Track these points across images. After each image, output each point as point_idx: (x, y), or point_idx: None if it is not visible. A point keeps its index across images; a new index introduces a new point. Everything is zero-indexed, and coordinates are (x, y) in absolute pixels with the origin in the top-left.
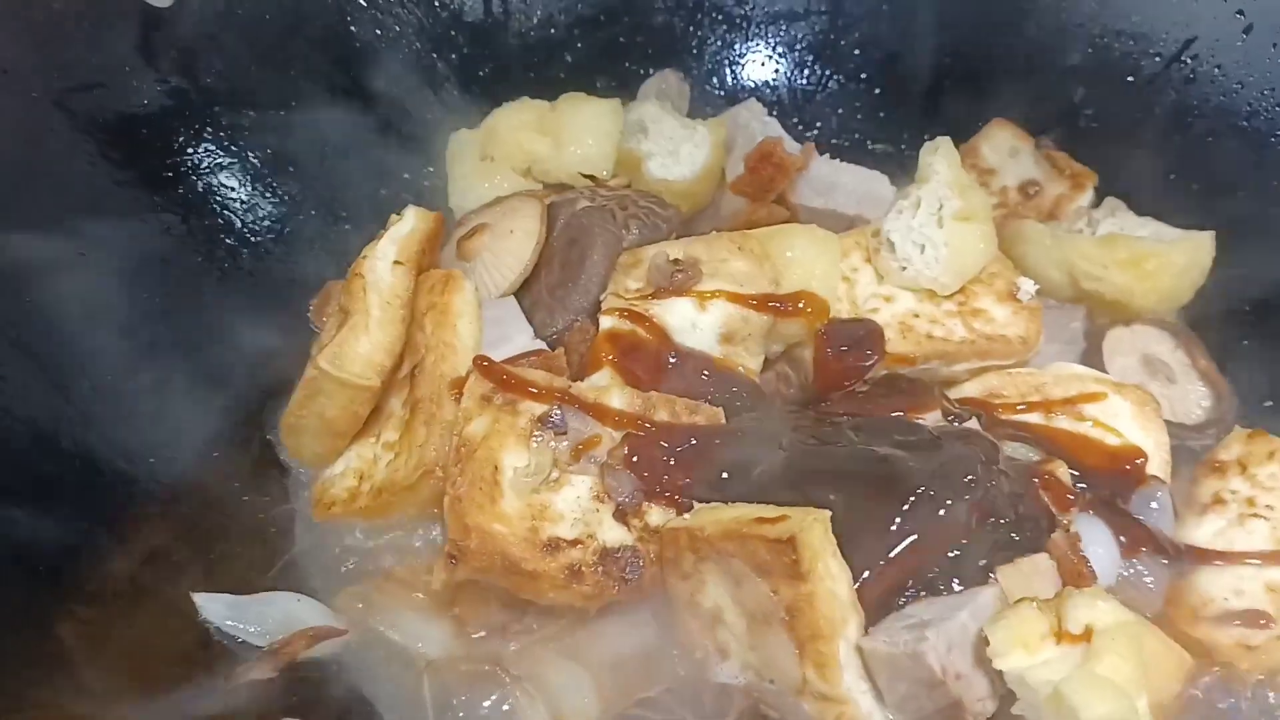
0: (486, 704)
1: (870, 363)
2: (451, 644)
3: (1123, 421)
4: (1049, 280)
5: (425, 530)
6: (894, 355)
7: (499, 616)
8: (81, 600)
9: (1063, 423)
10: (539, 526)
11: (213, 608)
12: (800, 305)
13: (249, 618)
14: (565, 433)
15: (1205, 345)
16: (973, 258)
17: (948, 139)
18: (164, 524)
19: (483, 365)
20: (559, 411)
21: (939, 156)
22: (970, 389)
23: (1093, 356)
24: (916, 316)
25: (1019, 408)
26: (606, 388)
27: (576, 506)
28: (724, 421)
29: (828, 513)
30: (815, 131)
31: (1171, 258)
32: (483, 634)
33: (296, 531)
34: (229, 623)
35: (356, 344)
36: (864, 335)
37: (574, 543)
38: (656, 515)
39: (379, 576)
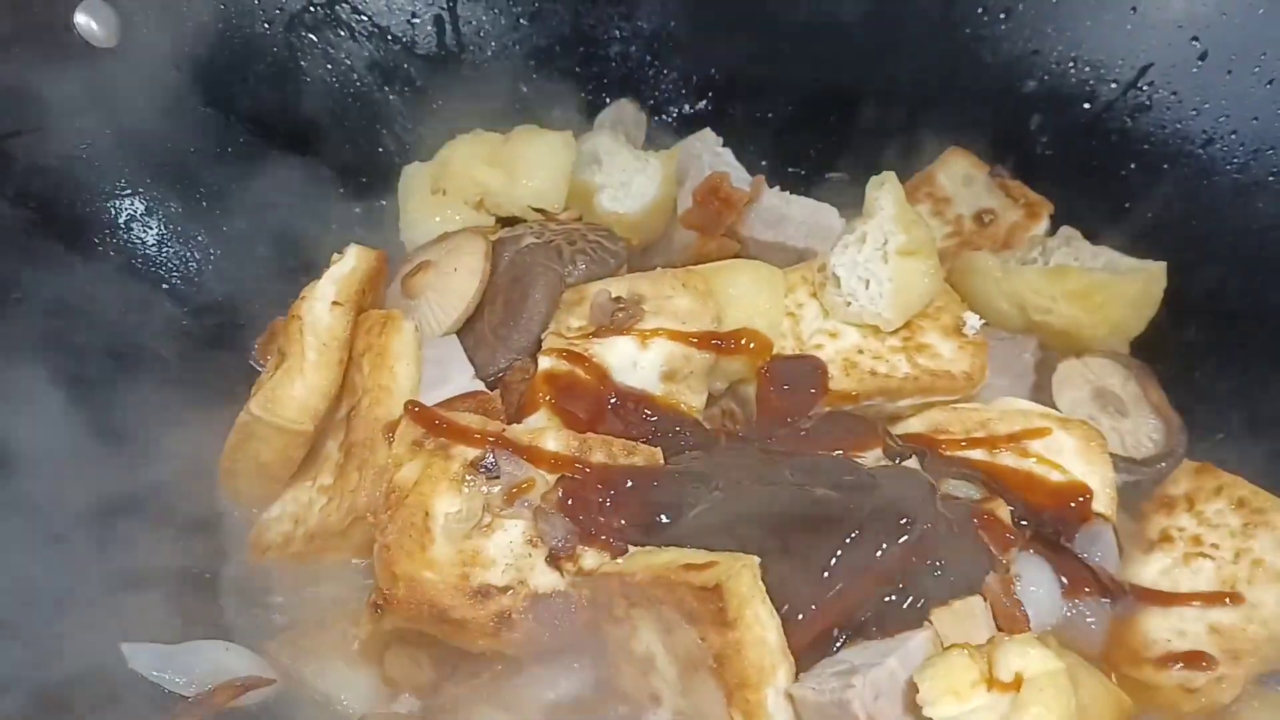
0: None
1: (813, 401)
2: (381, 694)
3: (1067, 457)
4: (999, 312)
5: (359, 577)
6: (836, 393)
7: (429, 675)
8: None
9: (1007, 459)
10: (470, 573)
11: (141, 658)
12: (743, 342)
13: (176, 668)
14: (498, 477)
15: (1157, 377)
16: (917, 293)
17: (892, 174)
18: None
19: (414, 411)
20: (492, 456)
21: (884, 192)
22: (915, 425)
23: (1043, 389)
24: (860, 353)
25: (963, 444)
26: (542, 430)
27: (509, 552)
28: (662, 462)
29: (756, 559)
30: (770, 160)
31: (1122, 289)
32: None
33: (228, 577)
34: (155, 673)
35: (290, 387)
36: (807, 372)
37: (505, 589)
38: (591, 559)
39: (311, 625)
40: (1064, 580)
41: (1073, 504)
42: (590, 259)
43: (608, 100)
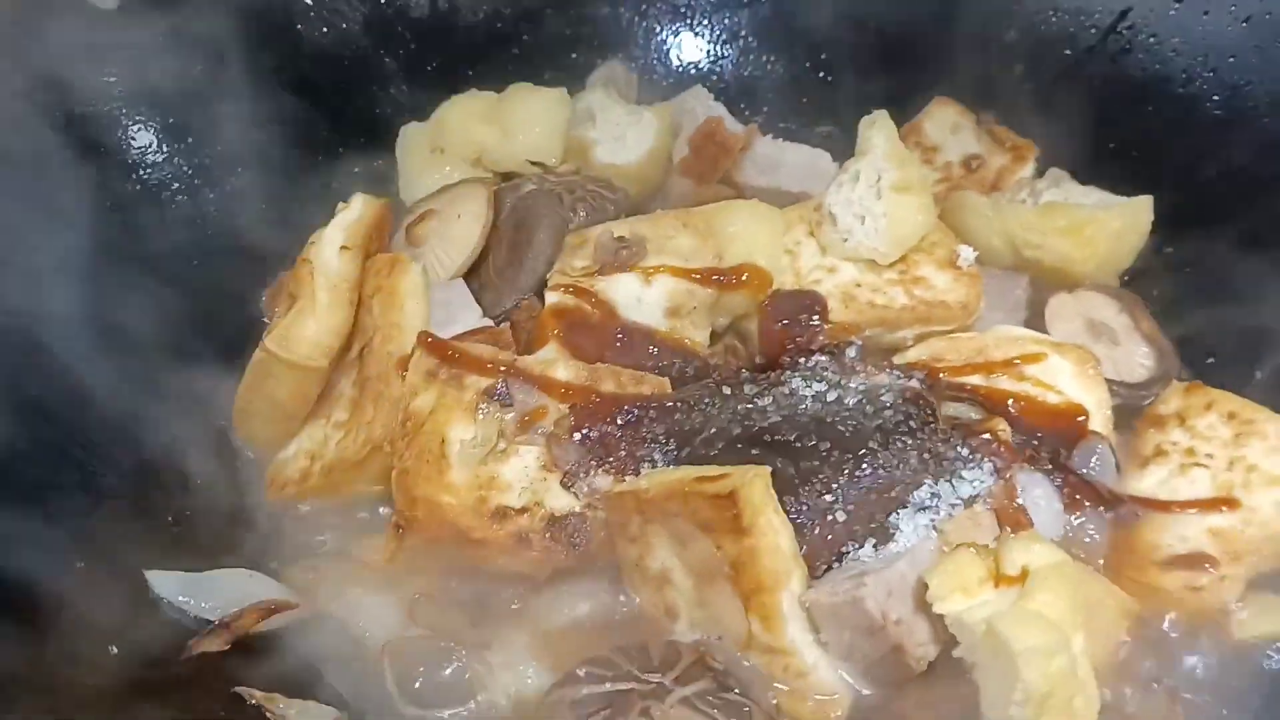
0: (447, 673)
1: (814, 333)
2: (403, 622)
3: (1063, 380)
4: (991, 249)
5: (377, 507)
6: (837, 324)
7: (458, 620)
8: (38, 575)
9: (1004, 383)
10: (487, 496)
11: (164, 584)
12: (744, 277)
13: (201, 593)
14: (511, 405)
15: (1148, 306)
16: (911, 227)
17: (884, 112)
18: (119, 507)
19: (427, 341)
20: (504, 385)
21: (876, 130)
22: (915, 354)
23: (1036, 322)
24: (859, 286)
25: (962, 370)
26: (552, 360)
27: (524, 476)
28: (670, 391)
29: (768, 468)
30: (762, 116)
31: (1108, 223)
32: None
33: (250, 513)
34: (181, 598)
35: (304, 326)
36: (807, 305)
37: (521, 511)
38: (604, 482)
39: (331, 555)
40: (1064, 495)
41: (1070, 424)
42: (590, 206)
43: (599, 61)
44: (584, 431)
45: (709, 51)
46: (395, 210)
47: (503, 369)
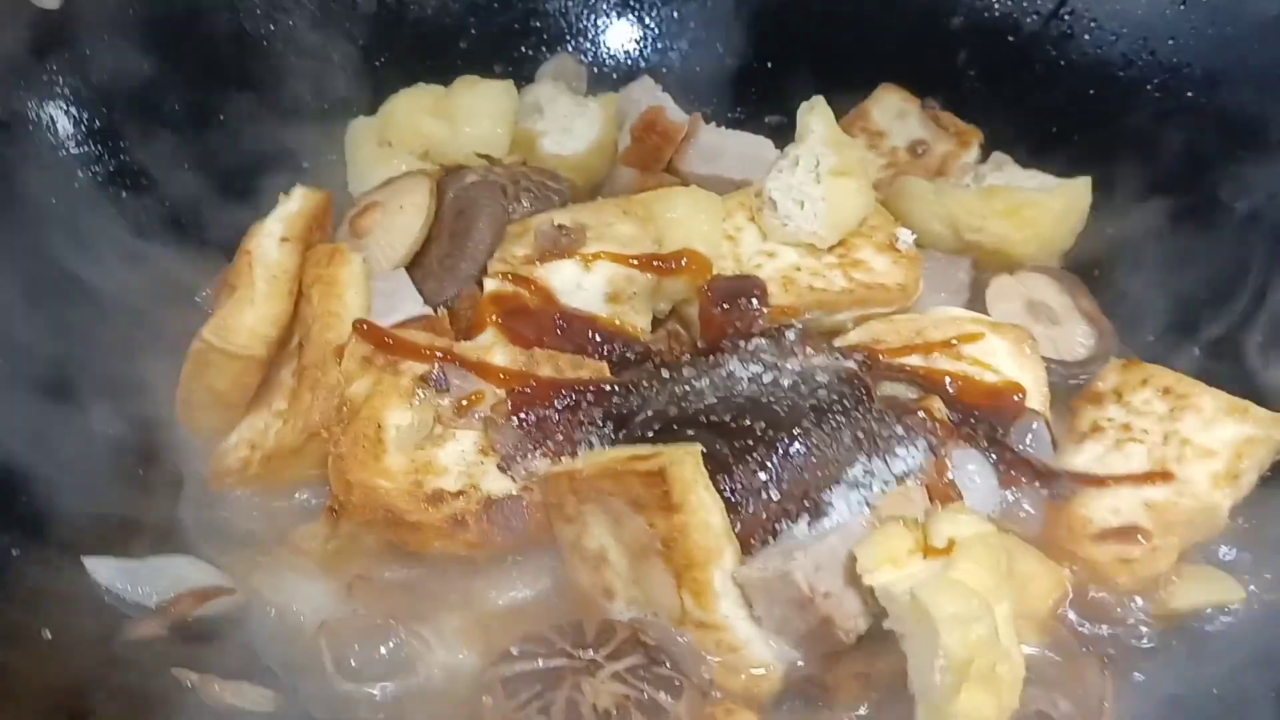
0: (384, 650)
1: (753, 317)
2: (339, 605)
3: (1000, 359)
4: (933, 233)
5: (314, 494)
6: (776, 308)
7: (397, 601)
8: None
9: (942, 363)
10: (423, 479)
11: (102, 570)
12: (683, 262)
13: (139, 580)
14: (448, 390)
15: (1088, 286)
16: (850, 211)
17: (821, 99)
18: (56, 493)
19: (363, 328)
20: (441, 370)
21: (815, 115)
22: (854, 336)
23: (977, 305)
24: (798, 270)
25: (900, 351)
26: (489, 346)
27: (461, 460)
28: (609, 375)
29: (699, 447)
30: (710, 107)
31: (1048, 205)
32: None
33: (190, 501)
34: (119, 585)
35: (241, 316)
36: (746, 290)
37: (457, 494)
38: (541, 465)
39: (269, 542)
40: (1000, 470)
41: (1007, 402)
42: (534, 196)
43: (548, 55)
44: (521, 415)
45: (658, 44)
46: (342, 208)
47: (439, 355)
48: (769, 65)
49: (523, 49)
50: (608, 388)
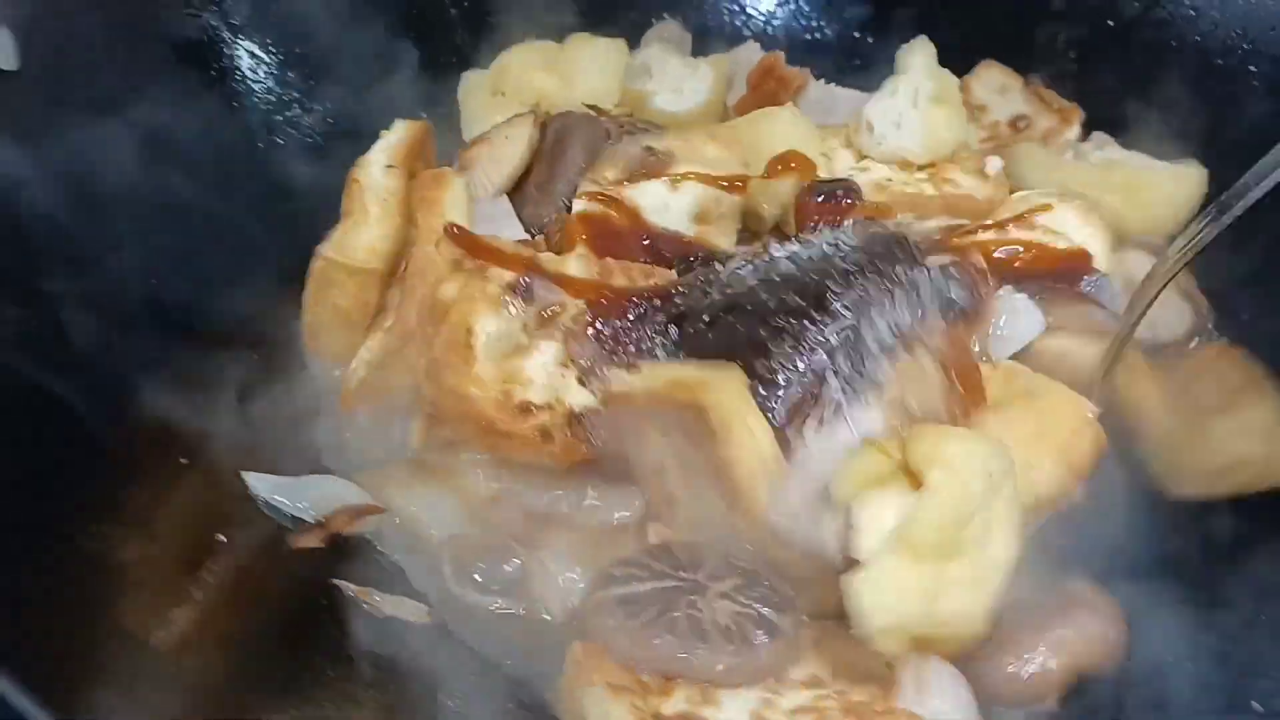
0: (508, 568)
1: (847, 210)
2: (464, 520)
3: (1070, 227)
4: None
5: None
6: (871, 203)
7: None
8: (136, 475)
9: (1015, 233)
10: (511, 390)
11: (261, 485)
12: (790, 164)
13: (296, 495)
14: (532, 300)
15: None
16: (944, 136)
17: (924, 37)
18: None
19: (452, 232)
20: (526, 279)
21: (915, 51)
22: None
23: None
24: (890, 180)
25: (974, 231)
26: (567, 257)
27: (544, 372)
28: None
29: (739, 370)
30: None
31: (1165, 186)
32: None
33: (323, 427)
34: (278, 497)
35: (358, 234)
36: (844, 184)
37: (543, 406)
38: (616, 377)
39: (393, 461)
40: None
41: (1079, 263)
42: (633, 134)
43: (654, 20)
44: (598, 326)
45: (761, 12)
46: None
47: (522, 262)
48: (870, 40)
49: (630, 14)
50: (671, 290)
